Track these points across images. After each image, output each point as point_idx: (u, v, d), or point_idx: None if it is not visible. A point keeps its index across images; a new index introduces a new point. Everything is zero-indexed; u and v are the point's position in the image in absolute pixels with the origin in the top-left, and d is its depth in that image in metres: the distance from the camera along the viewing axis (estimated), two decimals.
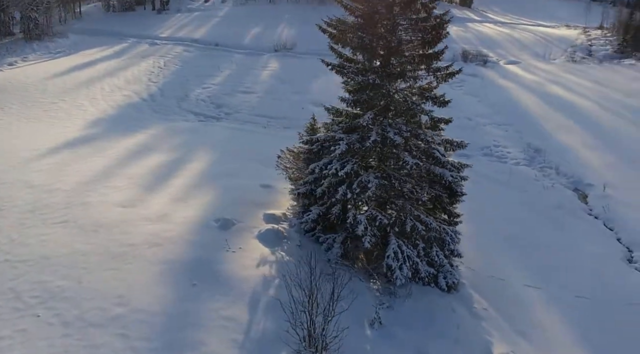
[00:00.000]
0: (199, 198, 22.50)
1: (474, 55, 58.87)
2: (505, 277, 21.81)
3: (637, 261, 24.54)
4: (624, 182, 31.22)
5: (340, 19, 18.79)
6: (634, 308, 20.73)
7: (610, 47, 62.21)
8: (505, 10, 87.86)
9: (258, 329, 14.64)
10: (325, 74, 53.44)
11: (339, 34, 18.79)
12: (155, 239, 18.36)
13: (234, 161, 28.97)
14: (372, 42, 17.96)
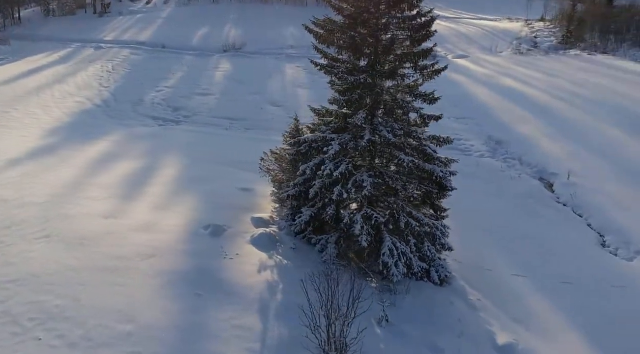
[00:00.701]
0: (181, 205, 21.90)
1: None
2: (492, 268, 22.25)
3: (610, 245, 25.46)
4: (586, 170, 32.35)
5: (330, 19, 18.58)
6: (616, 290, 21.50)
7: (555, 38, 64.30)
8: (449, 5, 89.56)
9: (274, 337, 14.33)
10: (279, 74, 54.03)
11: (326, 34, 18.60)
12: (147, 251, 17.71)
13: (205, 166, 28.41)
14: (363, 41, 17.85)
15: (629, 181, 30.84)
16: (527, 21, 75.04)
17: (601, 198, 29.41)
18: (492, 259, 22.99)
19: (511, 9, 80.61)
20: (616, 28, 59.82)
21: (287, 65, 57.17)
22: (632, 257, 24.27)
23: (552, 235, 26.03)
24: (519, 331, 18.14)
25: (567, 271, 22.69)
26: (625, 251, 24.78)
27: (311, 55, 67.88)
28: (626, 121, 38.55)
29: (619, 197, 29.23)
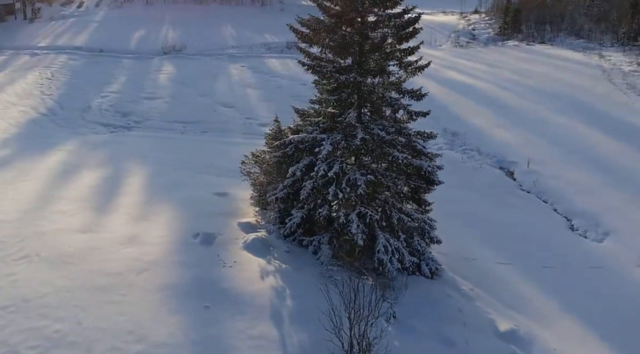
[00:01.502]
0: (160, 215, 21.11)
1: None
2: (475, 257, 22.66)
3: (579, 228, 26.51)
4: (544, 157, 33.56)
5: (316, 18, 18.30)
6: (594, 271, 22.38)
7: (492, 30, 66.47)
8: None
9: (294, 343, 14.01)
10: (225, 75, 53.18)
11: (312, 34, 18.34)
12: (140, 264, 16.92)
13: (172, 172, 27.51)
14: (352, 40, 17.70)
15: (586, 166, 32.25)
16: (462, 14, 77.27)
17: (562, 184, 30.58)
18: (473, 248, 23.40)
19: (446, 2, 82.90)
20: (551, 18, 62.40)
21: (231, 65, 56.40)
22: (601, 239, 25.36)
23: (524, 221, 26.84)
24: (516, 317, 18.53)
25: (545, 256, 23.42)
26: (594, 233, 25.85)
27: (254, 55, 67.56)
28: (573, 108, 40.33)
29: (579, 183, 30.48)
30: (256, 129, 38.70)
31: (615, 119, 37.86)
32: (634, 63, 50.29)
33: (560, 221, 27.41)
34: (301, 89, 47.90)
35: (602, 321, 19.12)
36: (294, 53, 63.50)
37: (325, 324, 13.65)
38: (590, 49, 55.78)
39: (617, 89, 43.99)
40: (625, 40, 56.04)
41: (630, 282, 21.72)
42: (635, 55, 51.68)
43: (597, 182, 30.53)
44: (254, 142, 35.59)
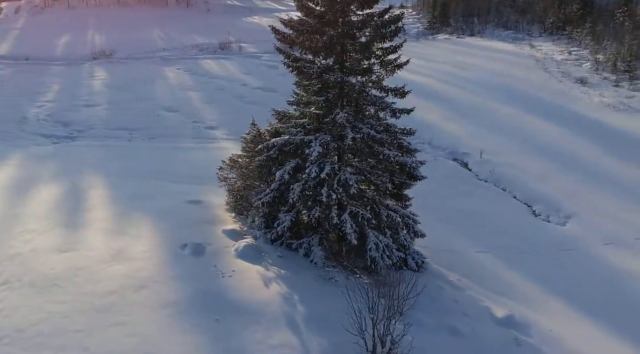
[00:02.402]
0: (137, 227, 20.20)
1: None
2: (455, 248, 23.15)
3: (541, 213, 27.65)
4: (494, 147, 34.74)
5: (300, 19, 18.03)
6: (565, 254, 23.42)
7: (421, 24, 67.98)
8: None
9: (316, 349, 13.84)
10: (161, 78, 51.71)
11: (294, 35, 18.10)
12: (134, 282, 16.13)
13: (134, 181, 26.46)
14: (337, 40, 17.59)
15: (535, 153, 33.66)
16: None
17: (516, 172, 31.79)
18: (449, 239, 23.93)
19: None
20: (478, 11, 64.53)
21: (166, 68, 54.97)
22: (563, 223, 26.57)
23: (489, 210, 27.72)
24: (507, 303, 19.11)
25: (517, 242, 24.31)
26: (556, 217, 27.05)
27: (187, 57, 65.84)
28: (514, 98, 41.92)
29: (532, 170, 31.79)
30: (205, 132, 38.00)
31: (556, 106, 39.71)
32: (565, 52, 52.87)
33: (521, 207, 28.49)
34: (243, 90, 47.44)
35: (582, 300, 20.05)
36: (229, 54, 62.91)
37: (343, 327, 13.62)
38: (520, 40, 58.17)
39: (553, 77, 46.14)
40: (553, 30, 58.84)
41: (600, 261, 22.88)
42: (564, 44, 54.33)
43: (549, 169, 31.95)
44: (206, 147, 35.17)
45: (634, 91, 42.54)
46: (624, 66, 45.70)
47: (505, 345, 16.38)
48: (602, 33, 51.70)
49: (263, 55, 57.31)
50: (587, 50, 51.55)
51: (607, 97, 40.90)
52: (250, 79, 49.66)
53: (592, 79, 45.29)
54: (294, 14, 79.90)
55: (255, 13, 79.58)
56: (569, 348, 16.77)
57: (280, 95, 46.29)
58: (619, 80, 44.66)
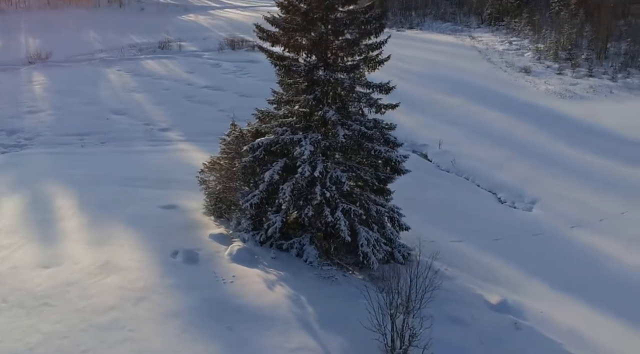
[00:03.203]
0: (117, 236, 19.48)
1: (238, 41, 59.48)
2: (432, 238, 23.48)
3: (506, 200, 28.56)
4: (450, 138, 35.56)
5: (287, 17, 17.79)
6: (537, 238, 24.33)
7: None
8: None
9: (336, 348, 13.84)
10: (104, 81, 49.96)
11: (281, 33, 17.87)
12: (132, 294, 15.54)
13: (96, 188, 25.41)
14: (324, 38, 17.50)
15: (491, 143, 34.72)
16: None
17: (476, 161, 32.67)
18: (426, 230, 24.19)
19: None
20: (415, 4, 65.72)
21: (107, 70, 53.00)
22: (529, 208, 27.57)
23: (457, 199, 28.35)
24: (495, 289, 19.69)
25: (490, 229, 25.03)
26: (521, 203, 28.03)
27: (127, 58, 63.74)
28: (462, 89, 43.00)
29: (491, 158, 32.78)
30: (159, 135, 36.88)
31: (505, 96, 41.05)
32: (505, 42, 54.62)
33: (487, 195, 29.33)
34: (190, 90, 46.38)
35: (561, 280, 20.92)
36: (169, 53, 61.31)
37: (357, 325, 13.76)
38: (459, 32, 59.66)
39: (497, 67, 47.65)
40: (491, 21, 60.66)
41: (571, 243, 23.93)
42: (504, 35, 56.13)
43: (506, 157, 33.04)
44: (163, 149, 34.20)
45: (577, 78, 44.59)
46: (565, 54, 47.81)
47: (506, 329, 16.88)
48: (539, 23, 53.83)
49: (204, 54, 56.31)
50: (527, 40, 53.59)
51: (552, 85, 42.69)
52: (196, 78, 48.65)
53: (535, 68, 47.16)
54: (230, 10, 79.90)
55: (191, 11, 78.08)
56: (562, 327, 17.46)
57: (229, 93, 46.01)
58: (561, 68, 46.70)
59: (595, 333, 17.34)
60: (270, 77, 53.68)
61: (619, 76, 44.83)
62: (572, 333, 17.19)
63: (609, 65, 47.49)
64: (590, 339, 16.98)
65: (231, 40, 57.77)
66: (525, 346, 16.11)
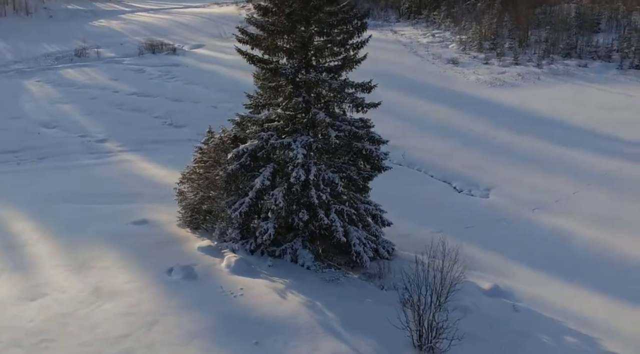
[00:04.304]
0: (97, 258, 18.40)
1: (157, 45, 57.69)
2: (407, 231, 23.88)
3: (462, 189, 29.50)
4: (393, 131, 35.70)
5: (270, 20, 17.36)
6: (502, 223, 25.33)
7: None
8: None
9: (367, 349, 13.87)
10: (24, 93, 46.96)
11: (265, 36, 17.47)
12: (141, 319, 14.67)
13: (54, 207, 24.05)
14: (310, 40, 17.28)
15: (434, 134, 35.80)
16: (237, 4, 77.89)
17: (425, 153, 33.50)
18: (398, 224, 24.44)
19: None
20: None
21: (25, 82, 49.60)
22: (486, 195, 28.64)
23: (415, 191, 28.94)
24: (483, 275, 20.31)
25: (457, 217, 25.76)
26: (477, 191, 29.05)
27: (45, 68, 60.23)
28: (395, 83, 43.74)
29: (438, 149, 33.75)
30: (97, 146, 35.11)
31: (438, 88, 42.32)
32: (428, 35, 56.21)
33: (442, 185, 30.14)
34: (118, 98, 44.43)
35: (537, 261, 21.91)
36: (87, 61, 58.21)
37: (379, 324, 14.06)
38: (380, 27, 60.61)
39: (425, 60, 48.99)
40: (410, 15, 62.11)
41: (535, 224, 25.09)
42: (424, 28, 57.69)
43: (452, 147, 34.10)
44: (106, 162, 32.62)
45: (504, 67, 46.74)
46: (489, 44, 49.92)
47: (506, 313, 17.52)
48: (458, 15, 55.85)
49: (125, 59, 54.03)
50: (449, 32, 55.47)
51: (482, 75, 44.52)
52: (121, 85, 46.63)
53: (462, 59, 48.94)
54: (141, 14, 76.94)
55: (101, 16, 74.62)
56: (555, 306, 18.29)
57: (159, 99, 44.49)
58: (487, 58, 48.77)
59: (586, 308, 18.29)
60: (198, 81, 52.58)
61: (543, 63, 47.55)
62: (567, 311, 18.04)
63: (532, 52, 50.16)
64: (584, 314, 17.87)
65: (150, 44, 55.82)
66: (528, 326, 16.75)
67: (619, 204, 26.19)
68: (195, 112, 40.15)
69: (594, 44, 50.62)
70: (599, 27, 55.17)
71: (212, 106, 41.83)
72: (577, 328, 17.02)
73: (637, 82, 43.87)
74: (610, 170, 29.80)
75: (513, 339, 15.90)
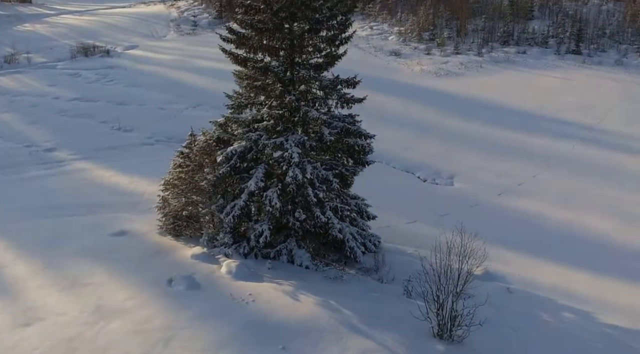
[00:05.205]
0: (90, 276, 17.41)
1: (89, 48, 55.36)
2: (385, 223, 24.15)
3: (426, 178, 30.22)
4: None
5: (258, 18, 17.01)
6: (475, 208, 26.03)
7: (208, 14, 67.00)
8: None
9: (394, 341, 14.06)
10: None
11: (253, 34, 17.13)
12: (154, 335, 14.08)
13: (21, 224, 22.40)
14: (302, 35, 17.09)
15: (390, 125, 36.06)
16: (166, 3, 75.82)
17: (383, 145, 33.48)
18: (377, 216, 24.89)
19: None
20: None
21: None
22: (450, 183, 29.42)
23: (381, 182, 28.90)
24: (470, 261, 20.68)
25: (427, 206, 26.38)
26: (441, 179, 29.77)
27: None
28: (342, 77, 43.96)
29: (395, 141, 34.15)
30: (46, 156, 33.19)
31: (385, 80, 42.80)
32: (366, 27, 56.58)
33: (407, 176, 30.65)
34: (60, 104, 42.22)
35: (514, 243, 22.69)
36: (18, 67, 54.85)
37: (397, 317, 14.59)
38: None
39: (367, 53, 49.41)
40: None
41: (505, 208, 26.04)
42: (361, 20, 57.74)
43: (409, 137, 34.71)
44: (61, 171, 31.06)
45: (446, 57, 47.88)
46: (428, 35, 50.97)
47: (502, 295, 18.11)
48: (394, 6, 56.62)
49: (58, 64, 51.32)
50: (387, 24, 56.16)
51: (425, 66, 45.43)
52: (60, 91, 44.31)
53: (404, 51, 49.74)
54: (66, 16, 73.25)
55: (25, 20, 70.29)
56: (545, 284, 19.09)
57: (102, 103, 42.61)
58: (428, 48, 49.79)
59: (573, 285, 19.20)
60: (139, 83, 50.67)
61: (484, 51, 49.10)
62: (556, 288, 18.85)
63: (471, 41, 51.62)
64: (573, 291, 18.74)
65: (82, 47, 53.42)
66: (526, 307, 17.39)
67: (579, 183, 27.59)
68: (142, 115, 38.80)
69: (530, 31, 52.88)
70: (532, 14, 57.60)
71: (159, 108, 40.59)
72: (571, 304, 17.83)
73: (575, 66, 46.31)
74: (564, 152, 31.32)
75: (518, 320, 16.45)
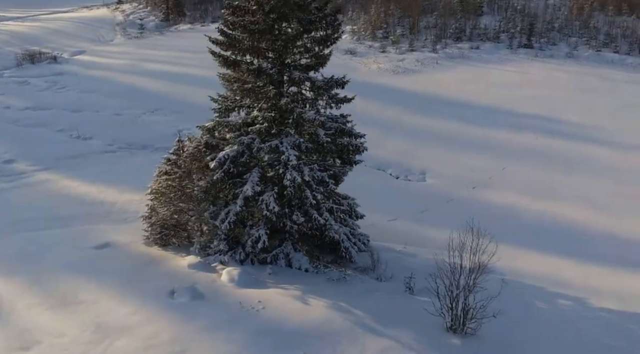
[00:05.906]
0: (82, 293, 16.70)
1: (36, 54, 53.26)
2: (369, 222, 24.25)
3: (399, 175, 30.47)
4: None
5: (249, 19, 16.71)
6: (452, 203, 26.45)
7: (155, 17, 65.53)
8: (6, 5, 79.95)
9: (410, 338, 14.15)
10: None
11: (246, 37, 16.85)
12: (166, 350, 13.64)
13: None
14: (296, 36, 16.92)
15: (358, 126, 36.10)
16: (109, 6, 73.68)
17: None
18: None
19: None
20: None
21: None
22: (422, 179, 29.85)
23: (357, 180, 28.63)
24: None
25: (405, 203, 26.56)
26: (413, 175, 30.15)
27: None
28: None
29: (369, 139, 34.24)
30: (5, 168, 31.40)
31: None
32: None
33: (378, 173, 30.81)
34: (12, 114, 40.36)
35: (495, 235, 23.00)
36: None
37: (409, 314, 14.83)
38: None
39: None
40: None
41: (479, 201, 26.49)
42: None
43: (375, 135, 34.42)
44: (23, 184, 29.77)
45: (401, 54, 48.42)
46: (382, 33, 51.37)
47: (498, 286, 18.36)
48: (344, 5, 56.68)
49: (4, 72, 48.93)
50: None
51: (382, 63, 45.82)
52: (9, 99, 42.31)
53: (359, 49, 49.98)
54: (7, 23, 70.69)
55: None
56: (536, 273, 19.60)
57: (56, 111, 40.99)
58: (383, 46, 50.19)
59: (560, 273, 19.79)
60: (92, 89, 49.02)
61: (438, 48, 49.94)
62: (545, 277, 19.42)
63: (424, 38, 52.37)
64: (562, 278, 19.35)
65: (28, 54, 51.27)
66: (524, 296, 17.81)
67: (547, 174, 28.52)
68: (98, 121, 37.52)
69: (481, 27, 54.21)
70: (482, 10, 58.98)
71: (115, 114, 39.41)
72: (563, 291, 18.41)
73: (528, 60, 47.82)
74: (528, 143, 32.28)
75: (521, 310, 16.84)
